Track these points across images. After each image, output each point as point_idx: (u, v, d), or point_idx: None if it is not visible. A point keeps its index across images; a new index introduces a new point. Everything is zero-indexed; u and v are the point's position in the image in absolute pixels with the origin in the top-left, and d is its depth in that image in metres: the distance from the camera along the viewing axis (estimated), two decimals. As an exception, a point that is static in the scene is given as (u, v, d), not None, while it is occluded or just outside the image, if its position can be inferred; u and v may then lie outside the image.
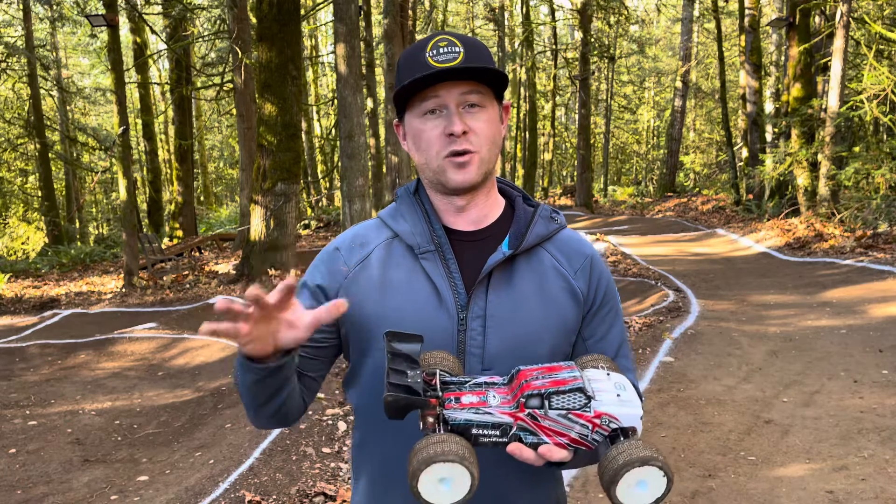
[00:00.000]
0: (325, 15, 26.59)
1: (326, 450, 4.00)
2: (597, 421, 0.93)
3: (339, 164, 9.55)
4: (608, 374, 0.99)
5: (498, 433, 0.94)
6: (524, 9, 23.06)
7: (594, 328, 1.19)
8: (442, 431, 0.92)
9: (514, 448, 0.93)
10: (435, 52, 1.07)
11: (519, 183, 25.16)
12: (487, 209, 1.18)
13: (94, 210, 30.81)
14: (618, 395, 0.95)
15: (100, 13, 11.28)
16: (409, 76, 1.07)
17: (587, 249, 1.21)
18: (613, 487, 0.90)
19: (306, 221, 19.09)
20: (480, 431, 0.94)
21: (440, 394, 0.95)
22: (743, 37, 16.42)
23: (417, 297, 1.12)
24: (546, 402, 0.93)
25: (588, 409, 0.93)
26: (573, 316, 1.16)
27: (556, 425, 0.93)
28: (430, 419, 0.93)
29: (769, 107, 19.16)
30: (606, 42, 23.97)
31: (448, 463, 0.88)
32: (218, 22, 17.88)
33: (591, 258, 1.20)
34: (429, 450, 0.89)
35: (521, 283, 1.14)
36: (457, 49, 1.07)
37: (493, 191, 1.20)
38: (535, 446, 0.94)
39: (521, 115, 26.37)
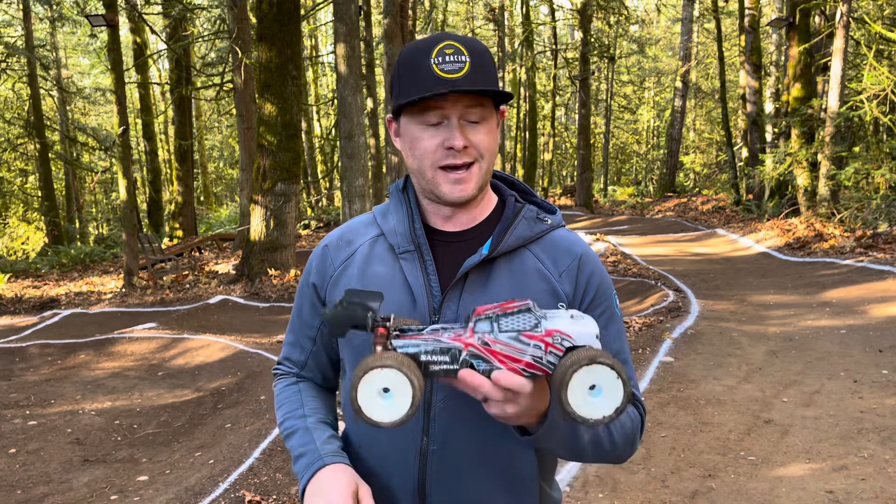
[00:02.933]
0: (325, 15, 26.58)
1: (326, 450, 4.00)
2: (548, 340, 0.90)
3: (339, 164, 9.54)
4: (566, 310, 0.97)
5: (448, 359, 0.91)
6: (524, 9, 23.06)
7: None
8: None
9: (466, 374, 0.91)
10: (440, 59, 1.03)
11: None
12: (477, 212, 1.17)
13: (94, 210, 30.79)
14: (571, 317, 0.93)
15: (100, 13, 11.27)
16: (413, 83, 1.05)
17: (576, 250, 1.16)
18: (564, 391, 0.86)
19: (306, 221, 19.10)
20: (430, 358, 0.91)
21: (391, 329, 0.93)
22: (743, 37, 16.41)
23: (393, 297, 1.11)
24: (495, 325, 0.91)
25: (539, 329, 0.90)
26: None
27: (509, 349, 0.90)
28: (379, 348, 0.91)
29: (769, 107, 19.15)
30: (606, 42, 23.94)
31: (386, 369, 0.86)
32: (218, 22, 17.87)
33: (580, 259, 1.15)
34: (367, 361, 0.87)
35: (498, 286, 1.11)
36: (463, 58, 1.04)
37: (485, 194, 1.18)
38: (488, 374, 0.91)
39: (521, 115, 26.36)
